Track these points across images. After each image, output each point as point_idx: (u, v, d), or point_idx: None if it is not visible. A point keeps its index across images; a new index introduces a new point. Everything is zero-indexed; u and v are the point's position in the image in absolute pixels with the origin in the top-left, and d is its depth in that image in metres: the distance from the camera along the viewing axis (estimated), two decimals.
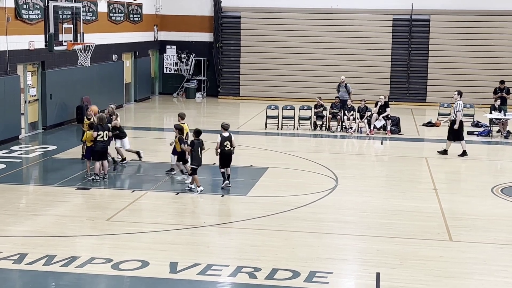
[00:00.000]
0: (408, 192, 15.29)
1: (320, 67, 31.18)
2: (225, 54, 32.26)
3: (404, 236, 12.00)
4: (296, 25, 31.39)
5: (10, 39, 19.77)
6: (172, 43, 33.03)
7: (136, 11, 30.04)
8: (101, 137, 15.44)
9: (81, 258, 10.44)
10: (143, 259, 10.47)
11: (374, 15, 30.91)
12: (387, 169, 18.40)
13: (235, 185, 15.33)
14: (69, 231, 11.90)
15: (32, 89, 21.60)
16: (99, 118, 15.72)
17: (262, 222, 12.69)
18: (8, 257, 10.45)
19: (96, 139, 15.41)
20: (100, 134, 15.44)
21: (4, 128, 19.48)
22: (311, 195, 14.69)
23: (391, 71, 31.06)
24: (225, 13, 32.03)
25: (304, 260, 10.59)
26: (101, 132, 15.46)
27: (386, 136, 22.65)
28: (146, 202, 14.14)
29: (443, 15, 30.62)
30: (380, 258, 10.80)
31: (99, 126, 15.51)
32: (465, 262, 10.78)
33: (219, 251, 11.09)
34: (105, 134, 15.52)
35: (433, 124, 24.96)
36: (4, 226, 12.15)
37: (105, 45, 26.07)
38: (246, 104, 30.80)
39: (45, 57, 21.65)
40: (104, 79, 26.33)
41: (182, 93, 32.64)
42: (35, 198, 14.36)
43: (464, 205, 14.24)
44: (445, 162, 18.64)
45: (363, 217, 13.20)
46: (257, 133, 22.76)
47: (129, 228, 12.18)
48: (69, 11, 19.55)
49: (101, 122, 15.58)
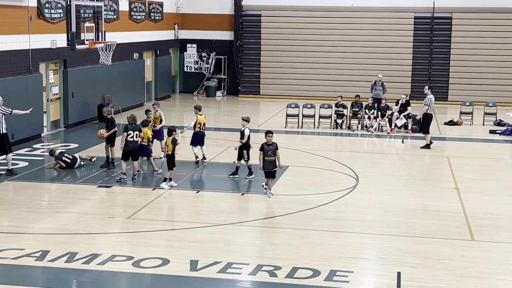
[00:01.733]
0: (429, 191, 15.19)
1: (341, 65, 31.08)
2: (245, 52, 32.27)
3: (425, 235, 11.92)
4: (316, 23, 31.31)
5: (33, 38, 19.96)
6: (192, 42, 33.12)
7: (157, 10, 30.15)
8: (131, 137, 15.26)
9: (103, 256, 10.51)
10: (163, 257, 10.51)
11: (395, 13, 30.73)
12: (408, 167, 18.29)
13: (255, 183, 15.33)
14: (90, 229, 11.99)
15: (54, 88, 21.78)
16: (130, 118, 15.60)
17: (282, 221, 12.68)
18: (30, 254, 10.55)
19: (126, 139, 15.25)
20: (130, 134, 15.28)
21: (27, 126, 19.67)
22: (332, 193, 14.65)
23: (412, 70, 30.88)
24: (245, 12, 32.04)
25: (324, 259, 10.57)
26: (131, 132, 15.31)
27: (407, 135, 22.52)
28: (166, 200, 14.20)
29: (465, 13, 30.36)
30: (401, 257, 10.74)
31: (129, 126, 15.39)
32: (488, 261, 10.68)
33: (239, 249, 11.10)
34: (135, 134, 15.34)
35: (455, 122, 24.77)
36: (26, 223, 12.27)
37: (126, 43, 26.21)
38: (266, 102, 30.80)
39: (67, 55, 21.82)
40: (125, 77, 26.48)
41: (202, 92, 32.72)
42: (57, 196, 14.47)
43: (487, 204, 14.11)
44: (467, 161, 18.49)
45: (384, 216, 13.14)
46: (277, 131, 22.61)
47: (149, 226, 12.23)
48: (91, 10, 19.68)
49: (132, 122, 15.48)
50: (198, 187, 15.25)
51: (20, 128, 19.25)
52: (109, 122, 16.54)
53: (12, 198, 13.95)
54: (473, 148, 19.13)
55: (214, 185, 15.73)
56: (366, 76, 28.98)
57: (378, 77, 24.56)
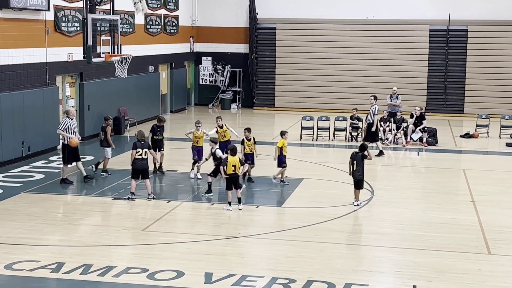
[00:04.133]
0: (445, 204, 15.09)
1: (356, 78, 31.06)
2: (260, 65, 32.35)
3: (441, 248, 11.83)
4: (331, 36, 31.34)
5: (50, 51, 20.14)
6: (207, 55, 33.26)
7: (173, 23, 30.33)
8: (139, 154, 14.79)
9: (117, 268, 10.52)
10: (178, 269, 10.51)
11: (410, 25, 30.69)
12: (424, 180, 18.19)
13: (270, 196, 15.30)
14: (105, 241, 12.02)
15: (71, 100, 21.94)
16: (139, 134, 15.04)
17: (297, 233, 12.64)
18: (46, 265, 10.59)
19: (135, 156, 14.79)
20: (139, 151, 14.80)
21: (43, 139, 19.81)
22: (346, 206, 14.60)
23: (427, 82, 30.78)
24: (260, 25, 32.15)
25: (339, 272, 10.51)
26: (139, 149, 14.81)
27: (423, 148, 22.41)
28: (181, 212, 14.21)
29: (481, 25, 30.24)
30: (417, 271, 10.66)
31: (138, 143, 14.85)
32: (505, 275, 10.57)
33: (254, 262, 11.08)
34: (144, 151, 14.83)
35: (471, 135, 24.63)
36: (42, 235, 12.33)
37: (142, 56, 26.37)
38: (281, 115, 30.81)
39: (83, 68, 21.99)
40: (141, 90, 26.61)
41: (217, 104, 32.81)
42: (73, 208, 14.53)
43: (503, 217, 13.99)
44: (483, 174, 18.36)
45: (399, 229, 13.06)
46: (292, 144, 22.66)
47: (164, 238, 12.24)
48: (107, 23, 19.80)
49: (141, 139, 14.91)
50: (212, 200, 15.23)
51: (36, 141, 19.41)
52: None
53: (28, 210, 14.02)
54: (489, 161, 19.00)
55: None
56: (381, 89, 28.90)
57: (394, 90, 24.48)
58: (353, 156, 14.73)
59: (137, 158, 14.81)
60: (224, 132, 17.41)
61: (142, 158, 14.85)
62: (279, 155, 16.46)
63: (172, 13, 30.21)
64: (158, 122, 17.91)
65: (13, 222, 13.08)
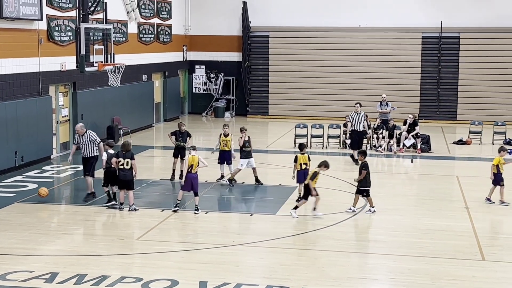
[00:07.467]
0: (439, 210, 15.11)
1: (349, 85, 31.13)
2: (253, 73, 32.40)
3: (436, 255, 11.84)
4: (324, 44, 31.44)
5: (43, 60, 20.12)
6: (201, 63, 33.30)
7: (166, 32, 30.36)
8: (121, 164, 14.58)
9: (112, 277, 10.49)
10: (173, 278, 10.48)
11: (403, 33, 30.82)
12: (417, 187, 18.22)
13: (264, 204, 15.29)
14: (99, 250, 11.98)
15: (64, 110, 21.90)
16: (122, 145, 14.93)
17: (292, 241, 12.64)
18: (39, 276, 10.55)
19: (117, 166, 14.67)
20: (120, 161, 14.60)
21: (37, 148, 19.76)
22: (341, 214, 14.60)
23: (420, 89, 30.89)
24: (253, 33, 32.21)
25: (334, 280, 10.51)
26: (121, 159, 14.60)
27: (416, 154, 22.45)
28: (175, 221, 14.18)
29: (473, 32, 30.40)
30: (412, 278, 10.67)
31: (120, 153, 14.67)
32: (499, 282, 10.59)
33: (249, 270, 11.06)
34: (125, 162, 14.59)
35: (464, 142, 24.70)
36: (36, 245, 12.28)
37: (135, 65, 26.37)
38: (275, 123, 30.84)
39: (77, 78, 21.96)
40: (134, 99, 26.60)
41: (211, 113, 32.82)
42: (66, 218, 14.49)
43: (497, 224, 14.02)
44: (477, 181, 18.39)
45: (394, 236, 13.07)
46: (286, 152, 22.72)
47: (158, 247, 12.22)
48: (100, 32, 19.82)
49: (123, 149, 14.73)
50: (207, 208, 15.20)
51: (29, 150, 19.36)
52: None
53: (21, 220, 13.96)
54: (482, 167, 19.02)
55: (223, 206, 15.69)
56: (374, 96, 28.95)
57: (383, 97, 24.56)
58: (366, 165, 14.66)
59: (119, 168, 14.69)
60: (226, 141, 17.36)
61: (124, 168, 14.65)
62: (495, 173, 15.82)
63: (165, 22, 30.24)
64: (178, 127, 17.80)
65: (6, 232, 13.02)
